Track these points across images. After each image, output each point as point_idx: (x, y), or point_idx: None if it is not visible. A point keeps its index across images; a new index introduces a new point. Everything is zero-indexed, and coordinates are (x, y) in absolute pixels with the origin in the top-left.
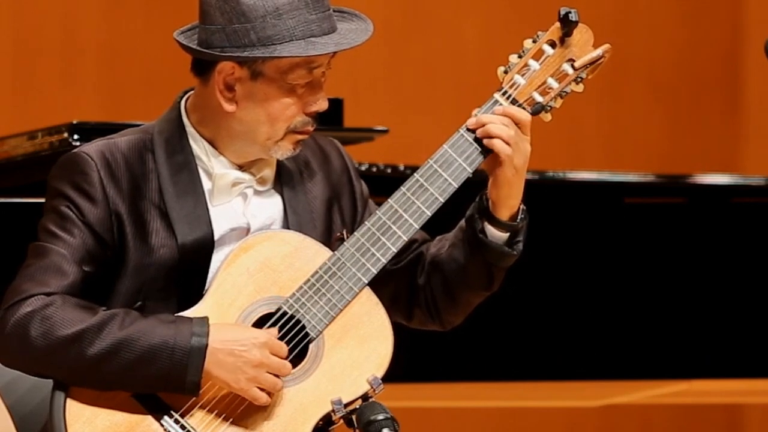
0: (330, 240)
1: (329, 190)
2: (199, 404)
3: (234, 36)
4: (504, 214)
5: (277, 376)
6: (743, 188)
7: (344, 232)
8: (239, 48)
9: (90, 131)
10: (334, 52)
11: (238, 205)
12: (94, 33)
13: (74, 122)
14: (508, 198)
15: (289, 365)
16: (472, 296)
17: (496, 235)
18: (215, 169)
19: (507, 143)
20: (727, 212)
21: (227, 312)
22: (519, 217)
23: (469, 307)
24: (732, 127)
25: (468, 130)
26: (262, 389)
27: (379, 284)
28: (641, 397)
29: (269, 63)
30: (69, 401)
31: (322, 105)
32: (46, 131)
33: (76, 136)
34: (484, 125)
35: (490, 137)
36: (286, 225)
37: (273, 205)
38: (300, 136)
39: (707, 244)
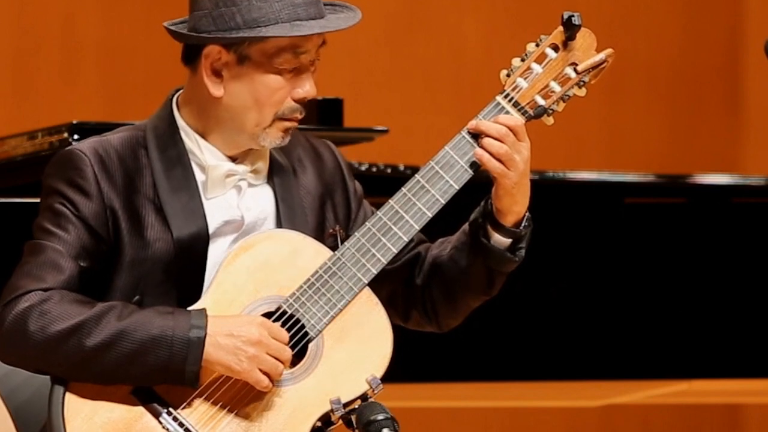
0: (323, 236)
1: (322, 187)
2: (198, 401)
3: (220, 19)
4: (508, 221)
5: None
6: (743, 188)
7: (337, 229)
8: (225, 31)
9: (90, 131)
10: (323, 42)
11: (233, 198)
12: (94, 33)
13: (74, 122)
14: (512, 205)
15: (289, 350)
16: (471, 299)
17: (498, 240)
18: (208, 161)
19: (499, 159)
20: (727, 212)
21: (227, 311)
22: (523, 224)
23: (467, 310)
24: (732, 127)
25: (469, 132)
26: (264, 374)
27: (375, 285)
28: (641, 397)
29: (255, 46)
30: (68, 397)
31: (310, 91)
32: (46, 131)
33: (76, 136)
34: (482, 133)
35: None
36: (278, 218)
37: (266, 199)
38: (288, 124)
39: (707, 244)
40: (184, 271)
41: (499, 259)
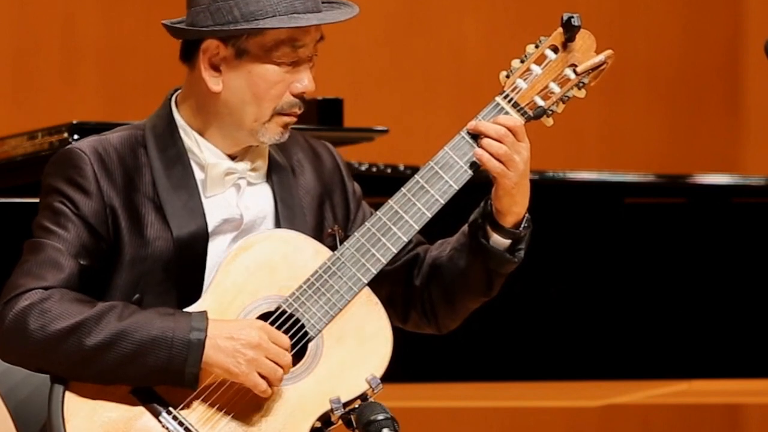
0: (321, 235)
1: (320, 187)
2: (198, 401)
3: (218, 14)
4: (508, 221)
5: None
6: (743, 188)
7: (336, 228)
8: (223, 25)
9: (90, 131)
10: (321, 37)
11: (232, 196)
12: (94, 33)
13: (74, 122)
14: (512, 206)
15: (289, 355)
16: (470, 301)
17: (498, 241)
18: (207, 159)
19: (498, 159)
20: (727, 212)
21: (227, 310)
22: (522, 225)
23: (466, 312)
24: (732, 127)
25: (469, 132)
26: (262, 377)
27: (374, 286)
28: (641, 397)
29: (253, 40)
30: (67, 396)
31: (308, 86)
32: (46, 131)
33: (76, 136)
34: (481, 134)
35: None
36: (277, 218)
37: (265, 198)
38: (287, 119)
39: (707, 244)
40: (183, 269)
41: (498, 260)
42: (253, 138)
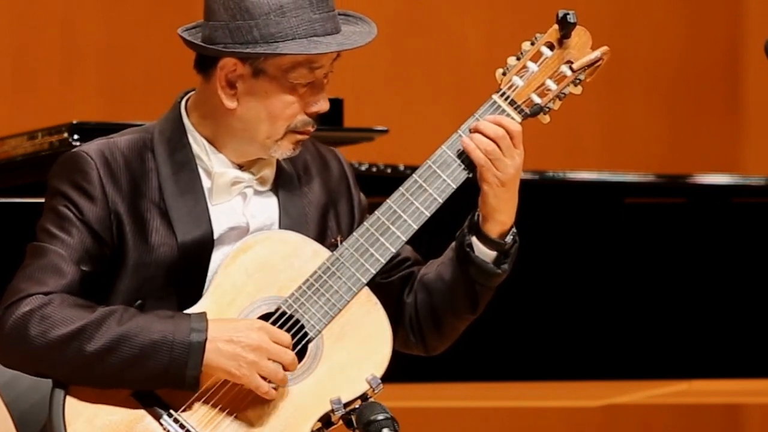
0: (324, 245)
1: (326, 196)
2: (198, 403)
3: (237, 32)
4: (493, 230)
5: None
6: (743, 188)
7: (339, 239)
8: (242, 44)
9: (90, 131)
10: (338, 55)
11: (238, 204)
12: (94, 33)
13: (74, 122)
14: (496, 212)
15: (291, 353)
16: (455, 318)
17: (483, 251)
18: (214, 167)
19: (485, 154)
20: (727, 212)
21: (226, 312)
22: (508, 237)
23: (452, 332)
24: (732, 127)
25: (466, 131)
26: (264, 379)
27: None
28: (641, 397)
29: (271, 61)
30: (68, 400)
31: (323, 106)
32: (46, 131)
33: (76, 136)
34: (479, 132)
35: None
36: (279, 227)
37: (271, 207)
38: (300, 136)
39: (707, 244)
40: (186, 275)
41: (482, 272)
42: (264, 152)
